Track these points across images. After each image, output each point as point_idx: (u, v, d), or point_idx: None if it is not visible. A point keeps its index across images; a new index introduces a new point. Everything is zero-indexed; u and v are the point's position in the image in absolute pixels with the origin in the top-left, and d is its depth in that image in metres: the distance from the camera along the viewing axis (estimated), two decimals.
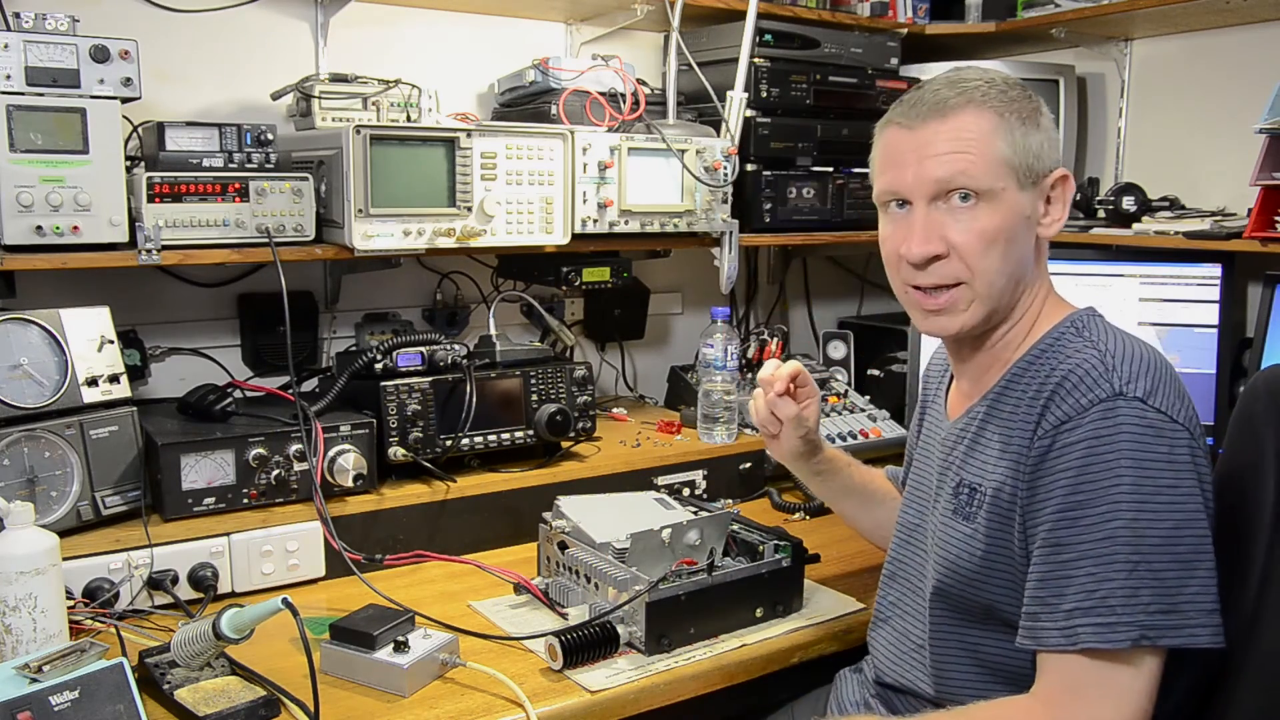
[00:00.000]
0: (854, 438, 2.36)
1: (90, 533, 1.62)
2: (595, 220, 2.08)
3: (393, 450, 1.86)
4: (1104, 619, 1.11)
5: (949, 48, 2.82)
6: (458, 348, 1.97)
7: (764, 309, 3.00)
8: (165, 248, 1.70)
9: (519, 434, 2.02)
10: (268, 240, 1.77)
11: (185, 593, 1.65)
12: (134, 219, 1.68)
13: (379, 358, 1.89)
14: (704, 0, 2.34)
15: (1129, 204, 2.42)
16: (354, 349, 2.08)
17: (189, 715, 1.30)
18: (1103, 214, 2.52)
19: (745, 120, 2.31)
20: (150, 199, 1.68)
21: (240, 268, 2.14)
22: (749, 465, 2.24)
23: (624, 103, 2.20)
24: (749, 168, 2.37)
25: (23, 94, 1.58)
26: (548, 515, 1.73)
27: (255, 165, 1.82)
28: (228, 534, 1.69)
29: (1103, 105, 2.85)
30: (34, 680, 1.18)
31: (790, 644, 1.58)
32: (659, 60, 2.63)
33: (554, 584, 1.66)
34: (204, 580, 1.66)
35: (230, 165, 1.80)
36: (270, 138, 1.84)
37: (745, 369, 2.48)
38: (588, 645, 1.46)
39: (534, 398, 2.04)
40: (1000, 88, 1.28)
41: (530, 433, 2.03)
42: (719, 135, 2.27)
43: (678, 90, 2.39)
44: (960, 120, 1.25)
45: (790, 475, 2.23)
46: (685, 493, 2.12)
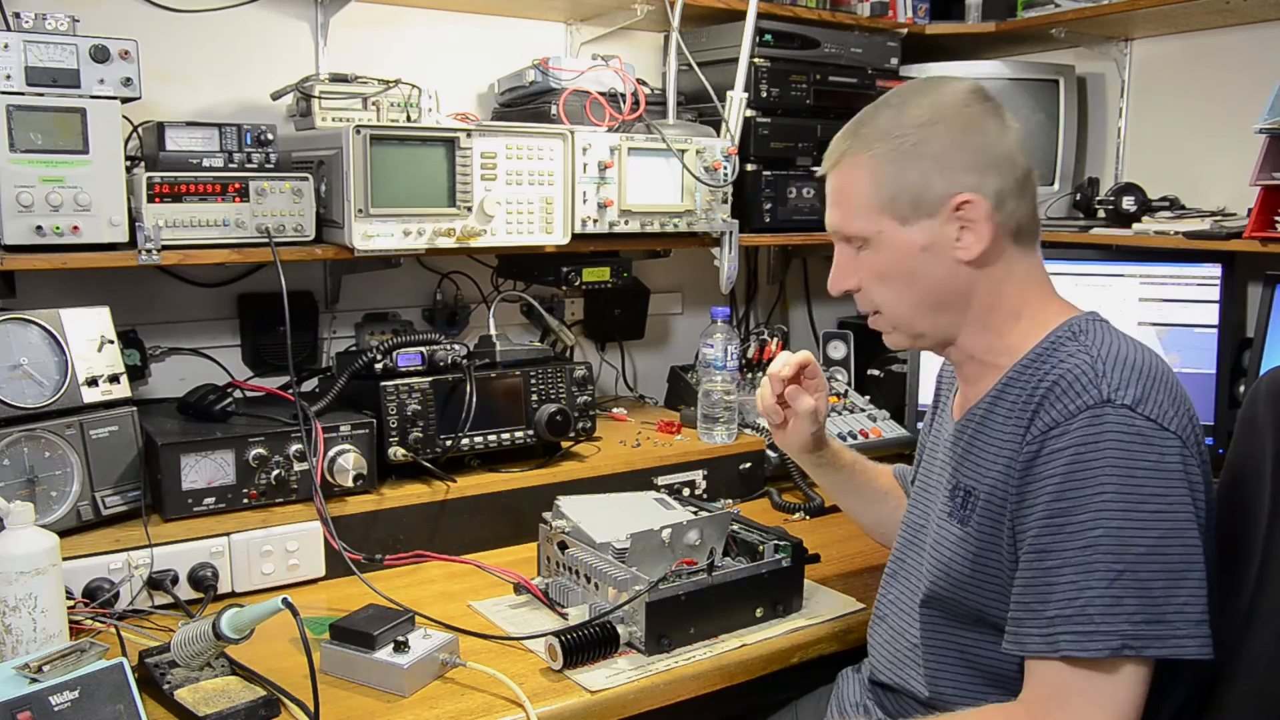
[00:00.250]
0: (854, 438, 2.36)
1: (90, 533, 1.62)
2: (595, 220, 2.08)
3: (393, 450, 1.86)
4: (1083, 627, 1.10)
5: (949, 48, 2.81)
6: (458, 348, 1.97)
7: (764, 309, 3.00)
8: (165, 248, 1.70)
9: (519, 434, 2.02)
10: (268, 240, 1.77)
11: (185, 593, 1.65)
12: (134, 219, 1.68)
13: (379, 358, 1.89)
14: (704, 0, 2.34)
15: (1129, 204, 2.42)
16: (354, 349, 2.08)
17: (189, 715, 1.30)
18: (1103, 214, 2.52)
19: (745, 120, 2.31)
20: (150, 199, 1.68)
21: (240, 268, 2.14)
22: (749, 465, 2.24)
23: (624, 103, 2.20)
24: (749, 168, 2.37)
25: (23, 94, 1.58)
26: (548, 515, 1.73)
27: (255, 165, 1.82)
28: (228, 534, 1.69)
29: (1103, 105, 2.85)
30: (34, 680, 1.18)
31: (790, 644, 1.58)
32: (659, 60, 2.63)
33: (554, 584, 1.66)
34: (204, 580, 1.66)
35: (230, 165, 1.80)
36: (270, 138, 1.84)
37: (745, 369, 2.48)
38: (588, 645, 1.46)
39: (534, 398, 2.04)
40: (884, 127, 1.29)
41: (530, 433, 2.03)
42: (719, 135, 2.27)
43: (678, 90, 2.39)
44: (839, 172, 1.33)
45: (790, 475, 2.24)
46: (685, 493, 2.12)
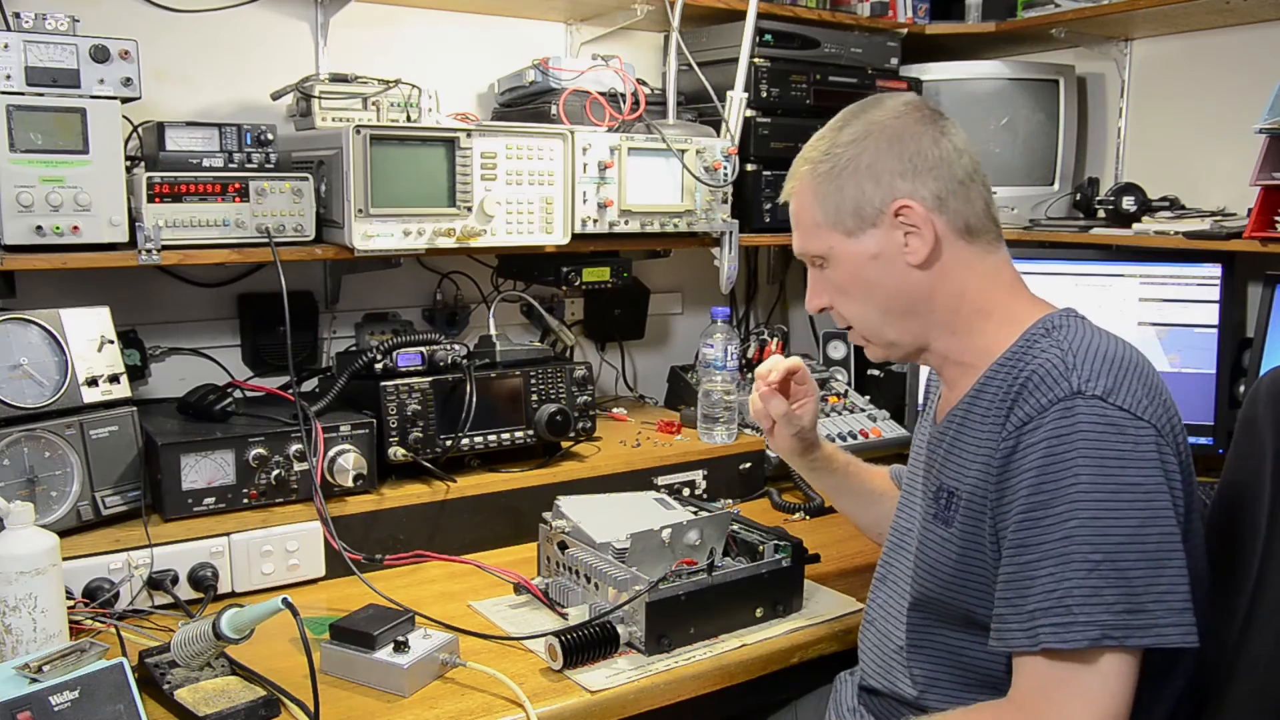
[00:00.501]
0: (854, 438, 2.36)
1: (90, 533, 1.62)
2: (595, 220, 2.08)
3: (393, 450, 1.86)
4: (1061, 619, 1.10)
5: (949, 48, 2.81)
6: (458, 348, 1.97)
7: (764, 309, 3.00)
8: (165, 248, 1.70)
9: (519, 434, 2.02)
10: (268, 240, 1.77)
11: (185, 593, 1.65)
12: (134, 219, 1.68)
13: (379, 358, 1.89)
14: (704, 0, 2.34)
15: (1129, 204, 2.42)
16: (354, 349, 2.08)
17: (189, 715, 1.30)
18: (1103, 214, 2.52)
19: (745, 120, 2.31)
20: (150, 199, 1.68)
21: (240, 268, 2.14)
22: (749, 465, 2.24)
23: (624, 103, 2.20)
24: (749, 168, 2.37)
25: (23, 94, 1.58)
26: (548, 515, 1.73)
27: (255, 165, 1.82)
28: (228, 534, 1.69)
29: (1103, 105, 2.85)
30: (34, 680, 1.18)
31: (790, 644, 1.58)
32: (659, 60, 2.63)
33: (554, 584, 1.66)
34: (204, 580, 1.66)
35: (230, 165, 1.80)
36: (270, 138, 1.84)
37: (745, 369, 2.48)
38: (588, 645, 1.46)
39: (534, 398, 2.04)
40: (824, 149, 1.34)
41: (530, 433, 2.03)
42: (719, 135, 2.27)
43: (678, 90, 2.39)
44: (793, 199, 1.40)
45: (790, 475, 2.24)
46: (685, 493, 2.12)
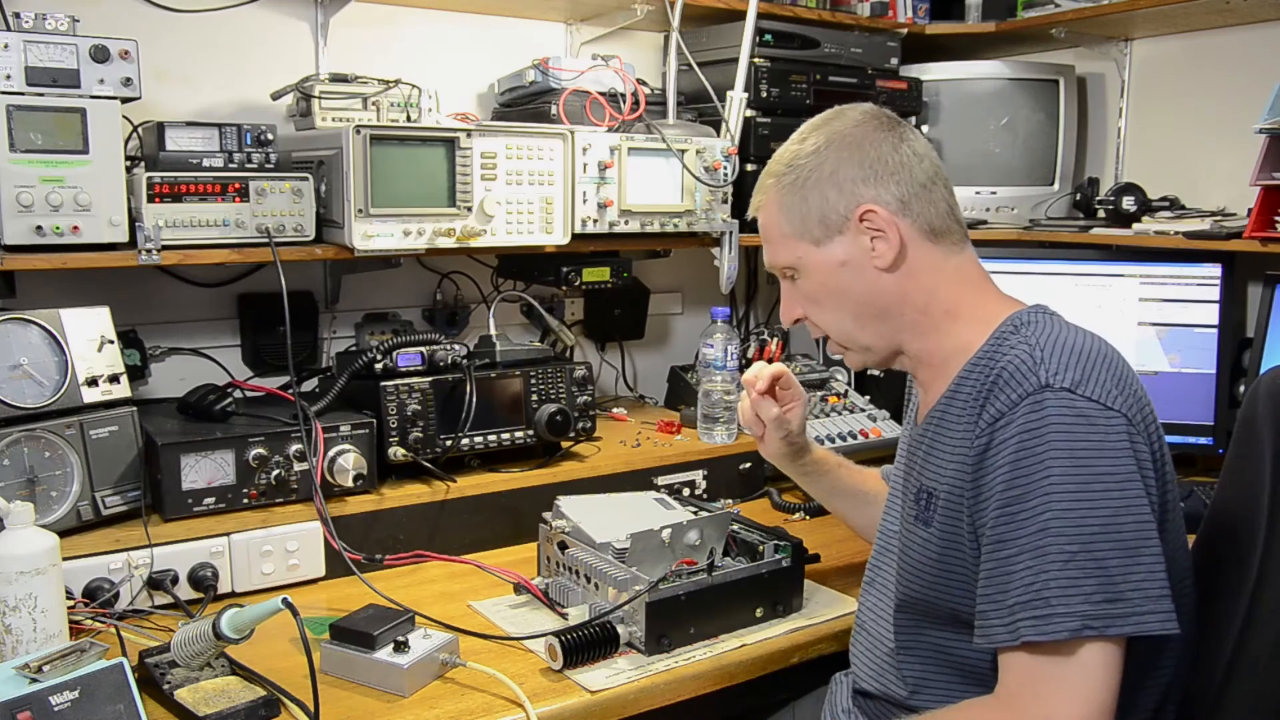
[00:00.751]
0: (854, 437, 2.36)
1: (90, 533, 1.62)
2: (595, 220, 2.08)
3: (393, 450, 1.86)
4: (1040, 612, 1.11)
5: (949, 48, 2.81)
6: (458, 348, 1.97)
7: (764, 309, 3.00)
8: (165, 248, 1.70)
9: (519, 434, 2.02)
10: (268, 240, 1.77)
11: (185, 593, 1.65)
12: (134, 219, 1.68)
13: (379, 358, 1.89)
14: (704, 0, 2.34)
15: (1129, 204, 2.42)
16: (354, 349, 2.08)
17: (189, 715, 1.30)
18: (1103, 214, 2.53)
19: (745, 120, 2.31)
20: (150, 199, 1.68)
21: (240, 268, 2.14)
22: (749, 465, 2.24)
23: (624, 103, 2.20)
24: (749, 168, 2.37)
25: (23, 94, 1.58)
26: (548, 515, 1.73)
27: (255, 165, 1.82)
28: (228, 534, 1.69)
29: (1103, 105, 2.85)
30: (34, 680, 1.18)
31: (790, 644, 1.58)
32: (659, 60, 2.63)
33: (554, 584, 1.66)
34: (204, 580, 1.66)
35: (230, 165, 1.80)
36: (270, 138, 1.83)
37: (745, 369, 2.47)
38: (588, 645, 1.46)
39: (534, 398, 2.04)
40: (787, 161, 1.37)
41: (530, 433, 2.03)
42: (719, 135, 2.27)
43: (678, 90, 2.39)
44: (760, 212, 1.42)
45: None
46: (685, 493, 2.12)
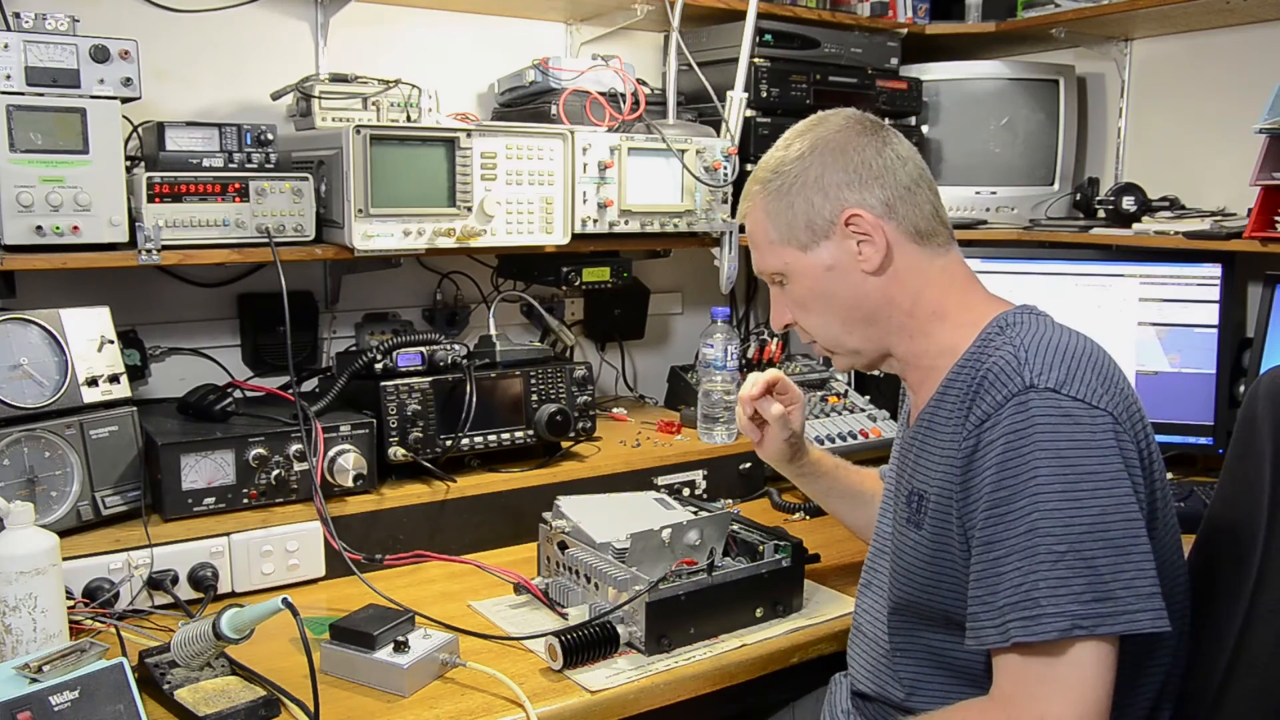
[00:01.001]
0: (854, 437, 2.36)
1: (90, 533, 1.62)
2: (595, 220, 2.08)
3: (393, 450, 1.86)
4: (1030, 612, 1.11)
5: (949, 48, 2.81)
6: (458, 348, 1.97)
7: (764, 309, 2.99)
8: (165, 248, 1.70)
9: (519, 434, 2.02)
10: (268, 240, 1.77)
11: (185, 593, 1.65)
12: (134, 219, 1.68)
13: (379, 358, 1.89)
14: (704, 0, 2.34)
15: (1129, 204, 2.42)
16: (354, 349, 2.08)
17: (189, 715, 1.30)
18: (1103, 214, 2.53)
19: (745, 120, 2.31)
20: (150, 199, 1.68)
21: (240, 268, 2.14)
22: (749, 465, 2.24)
23: (624, 103, 2.20)
24: (749, 168, 2.37)
25: (23, 94, 1.58)
26: (548, 515, 1.73)
27: (255, 165, 1.82)
28: (228, 534, 1.69)
29: (1103, 105, 2.85)
30: (34, 680, 1.18)
31: (790, 644, 1.58)
32: (659, 60, 2.63)
33: (554, 584, 1.66)
34: (204, 580, 1.66)
35: (230, 165, 1.80)
36: (270, 138, 1.84)
37: (745, 369, 2.48)
38: (588, 645, 1.46)
39: (534, 398, 2.04)
40: (772, 167, 1.37)
41: (530, 433, 2.03)
42: (719, 135, 2.27)
43: (678, 90, 2.39)
44: (747, 218, 1.42)
45: None
46: (685, 493, 2.12)
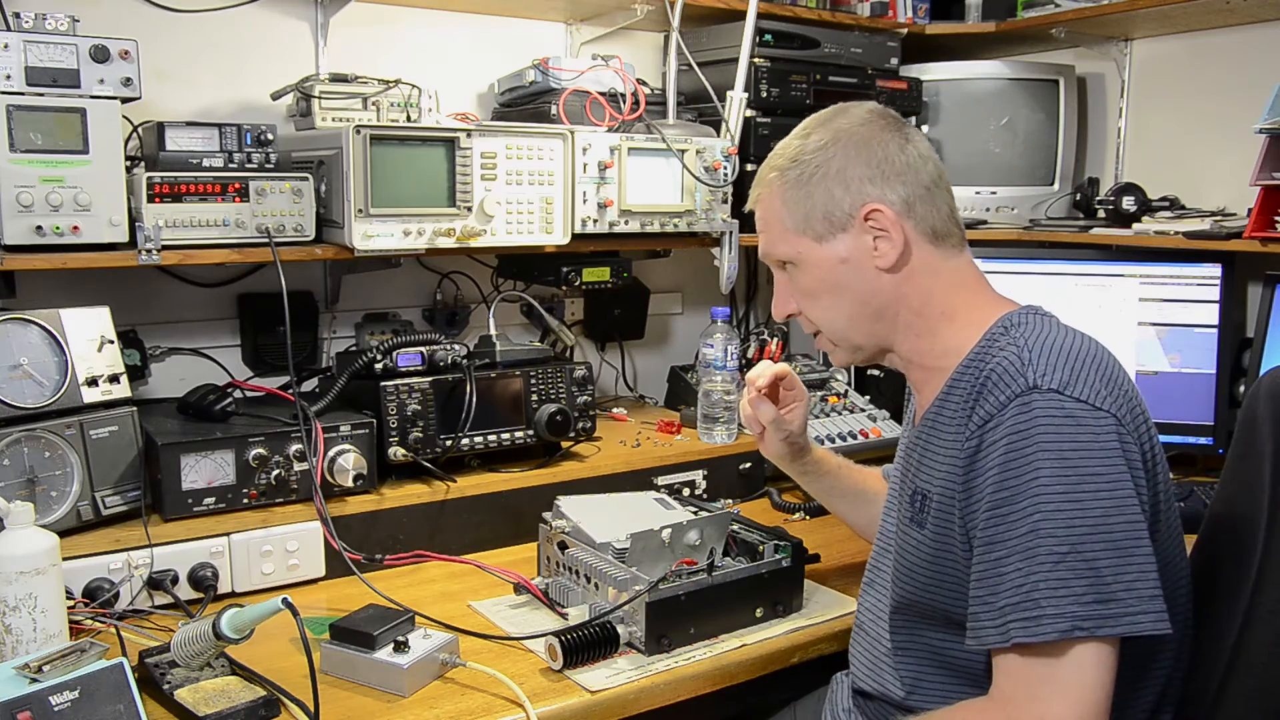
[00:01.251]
0: (854, 437, 2.36)
1: (90, 533, 1.62)
2: (595, 220, 2.08)
3: (393, 450, 1.86)
4: (1030, 613, 1.11)
5: (949, 48, 2.81)
6: (458, 348, 1.97)
7: (764, 309, 2.99)
8: (165, 248, 1.70)
9: (519, 434, 2.02)
10: (268, 240, 1.77)
11: (185, 593, 1.65)
12: (134, 219, 1.68)
13: (379, 358, 1.89)
14: (704, 0, 2.34)
15: (1129, 204, 2.42)
16: (354, 349, 2.08)
17: (189, 715, 1.30)
18: (1103, 214, 2.53)
19: (745, 120, 2.31)
20: (150, 199, 1.68)
21: (240, 268, 2.14)
22: (749, 465, 2.24)
23: (624, 103, 2.20)
24: (749, 167, 2.37)
25: (23, 94, 1.58)
26: (548, 515, 1.73)
27: (255, 165, 1.82)
28: (228, 534, 1.69)
29: (1103, 105, 2.85)
30: (34, 680, 1.18)
31: (790, 644, 1.58)
32: (659, 60, 2.63)
33: (554, 584, 1.66)
34: (204, 580, 1.66)
35: (230, 165, 1.80)
36: (270, 138, 1.83)
37: (745, 369, 2.47)
38: (588, 645, 1.46)
39: (534, 398, 2.04)
40: (792, 155, 1.36)
41: (530, 433, 2.03)
42: (719, 135, 2.27)
43: (678, 90, 2.39)
44: (759, 204, 1.42)
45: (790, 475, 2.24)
46: (685, 493, 2.12)
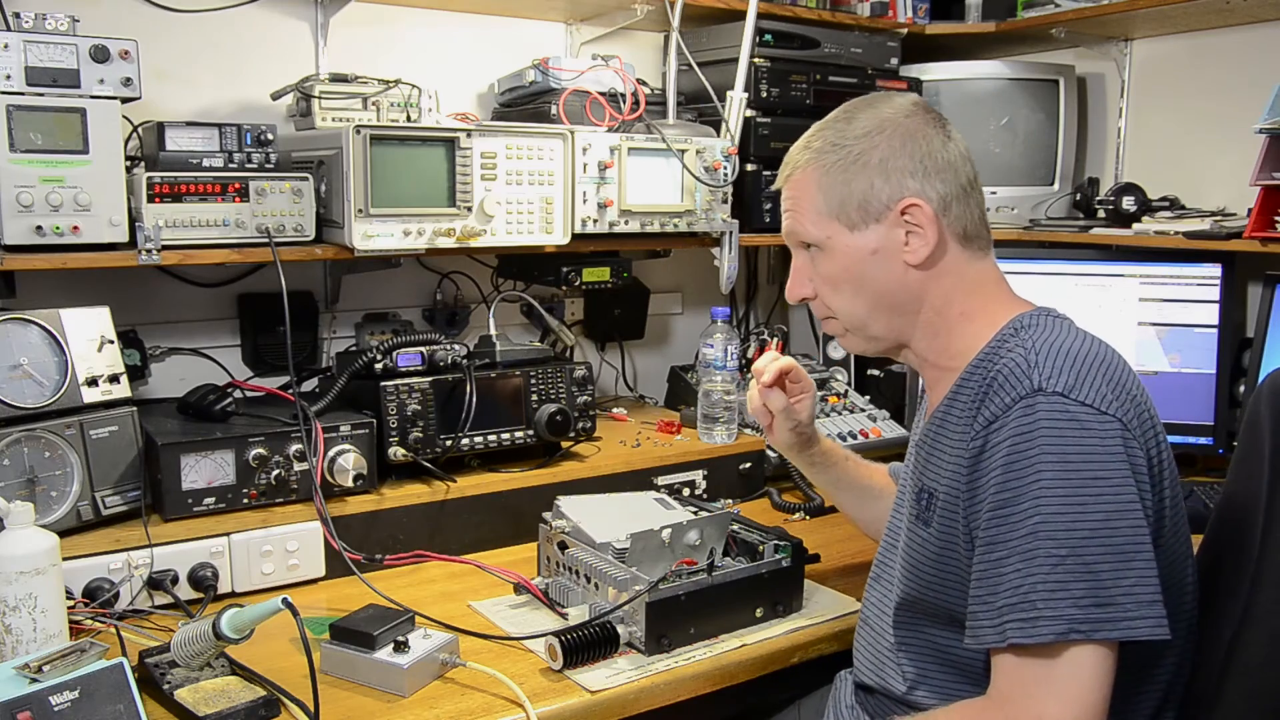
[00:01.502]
0: (854, 437, 2.36)
1: (90, 533, 1.62)
2: (595, 220, 2.08)
3: (393, 450, 1.86)
4: (1027, 614, 1.11)
5: (949, 48, 2.81)
6: (458, 348, 1.97)
7: (764, 309, 3.00)
8: (165, 248, 1.70)
9: (519, 434, 2.02)
10: (268, 240, 1.77)
11: (185, 593, 1.65)
12: (134, 219, 1.68)
13: (379, 358, 1.89)
14: (704, 0, 2.34)
15: (1129, 204, 2.42)
16: (354, 349, 2.08)
17: (189, 715, 1.30)
18: (1103, 214, 2.53)
19: (745, 120, 2.31)
20: (150, 199, 1.68)
21: (240, 268, 2.14)
22: (749, 465, 2.24)
23: (624, 103, 2.20)
24: (749, 168, 2.37)
25: (23, 94, 1.58)
26: (548, 515, 1.73)
27: (255, 165, 1.82)
28: (228, 534, 1.69)
29: (1103, 105, 2.85)
30: (34, 680, 1.18)
31: (790, 644, 1.58)
32: (659, 60, 2.63)
33: (554, 584, 1.66)
34: (204, 580, 1.66)
35: (230, 165, 1.80)
36: (270, 138, 1.83)
37: (745, 369, 2.48)
38: (588, 645, 1.46)
39: (534, 398, 2.04)
40: (832, 139, 1.36)
41: (530, 433, 2.03)
42: (719, 135, 2.27)
43: (678, 90, 2.39)
44: (793, 181, 1.41)
45: (790, 475, 2.25)
46: (685, 493, 2.12)
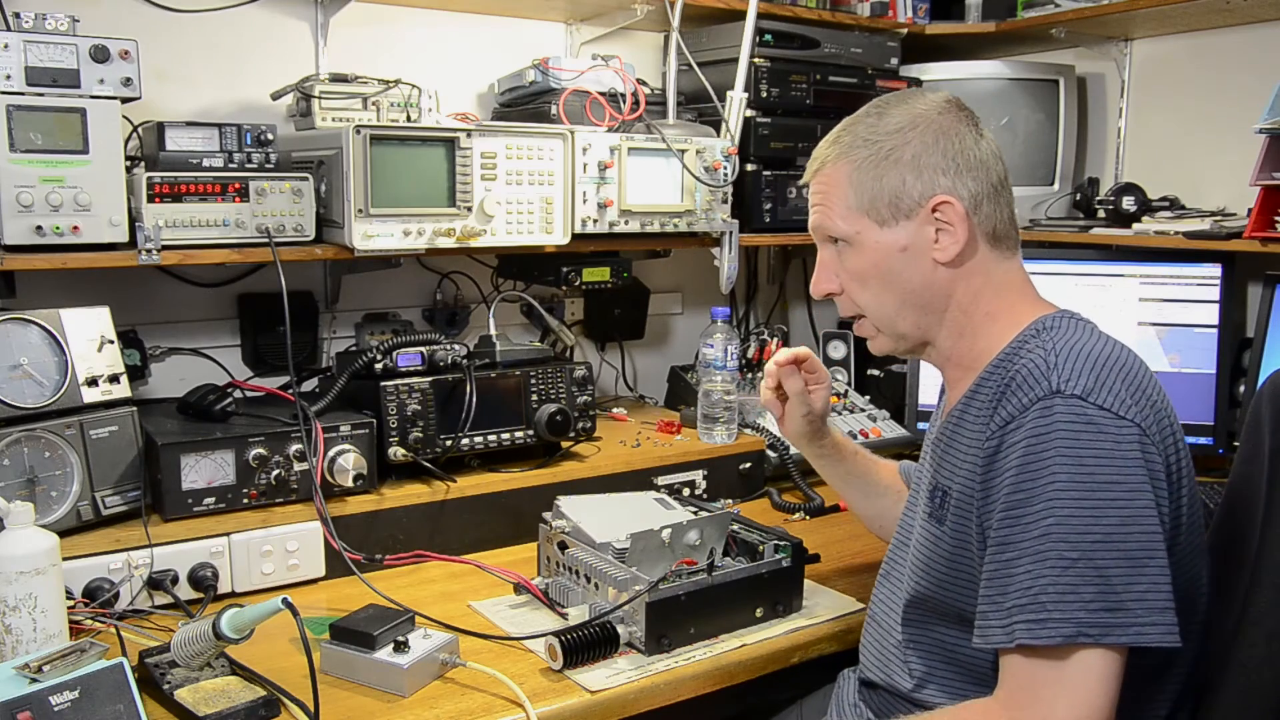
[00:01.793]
0: (854, 437, 2.36)
1: (90, 533, 1.62)
2: (595, 220, 2.08)
3: (393, 450, 1.86)
4: (1036, 616, 1.11)
5: (949, 48, 2.81)
6: (458, 348, 1.97)
7: (764, 309, 3.00)
8: (165, 248, 1.70)
9: (519, 434, 2.02)
10: (268, 240, 1.77)
11: (185, 593, 1.65)
12: (134, 219, 1.68)
13: (379, 358, 1.89)
14: (704, 0, 2.34)
15: (1129, 204, 2.42)
16: (354, 349, 2.08)
17: (189, 715, 1.30)
18: (1103, 214, 2.53)
19: (745, 120, 2.31)
20: (150, 199, 1.68)
21: (240, 268, 2.14)
22: (749, 465, 2.24)
23: (624, 103, 2.20)
24: (749, 168, 2.37)
25: (23, 94, 1.58)
26: (548, 515, 1.73)
27: (255, 165, 1.82)
28: (228, 534, 1.69)
29: (1103, 105, 2.85)
30: (34, 680, 1.18)
31: (790, 644, 1.58)
32: (659, 60, 2.63)
33: (554, 584, 1.66)
34: (204, 580, 1.66)
35: (230, 165, 1.80)
36: (270, 138, 1.84)
37: (745, 369, 2.48)
38: (588, 645, 1.46)
39: (534, 398, 2.04)
40: (864, 134, 1.34)
41: (530, 433, 2.03)
42: (719, 135, 2.27)
43: (678, 90, 2.39)
44: (823, 175, 1.38)
45: (790, 475, 2.24)
46: (685, 493, 2.12)
